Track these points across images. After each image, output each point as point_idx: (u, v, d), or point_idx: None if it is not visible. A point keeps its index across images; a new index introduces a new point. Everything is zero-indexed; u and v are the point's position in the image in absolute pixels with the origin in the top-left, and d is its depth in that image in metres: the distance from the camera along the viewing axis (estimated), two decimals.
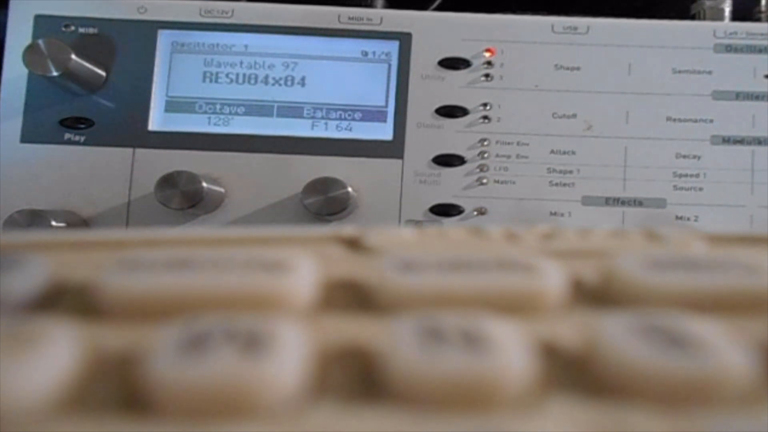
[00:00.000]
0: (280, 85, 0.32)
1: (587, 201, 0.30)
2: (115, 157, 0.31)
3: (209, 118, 0.31)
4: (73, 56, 0.29)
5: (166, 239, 0.11)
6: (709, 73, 0.30)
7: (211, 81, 0.32)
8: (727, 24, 0.32)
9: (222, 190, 0.31)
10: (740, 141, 0.30)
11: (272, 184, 0.31)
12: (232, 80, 0.32)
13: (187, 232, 0.12)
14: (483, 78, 0.31)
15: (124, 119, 0.31)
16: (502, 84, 0.31)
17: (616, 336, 0.08)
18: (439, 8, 0.35)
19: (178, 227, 0.31)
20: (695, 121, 0.30)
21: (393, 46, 0.32)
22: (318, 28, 0.32)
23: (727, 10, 0.33)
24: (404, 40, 0.32)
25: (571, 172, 0.30)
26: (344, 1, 0.33)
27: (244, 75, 0.32)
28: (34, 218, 0.28)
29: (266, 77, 0.32)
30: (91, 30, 0.32)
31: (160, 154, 0.31)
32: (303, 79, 0.32)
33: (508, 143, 0.31)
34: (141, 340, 0.08)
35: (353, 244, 0.11)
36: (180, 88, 0.32)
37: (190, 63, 0.32)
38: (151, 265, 0.09)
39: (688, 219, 0.29)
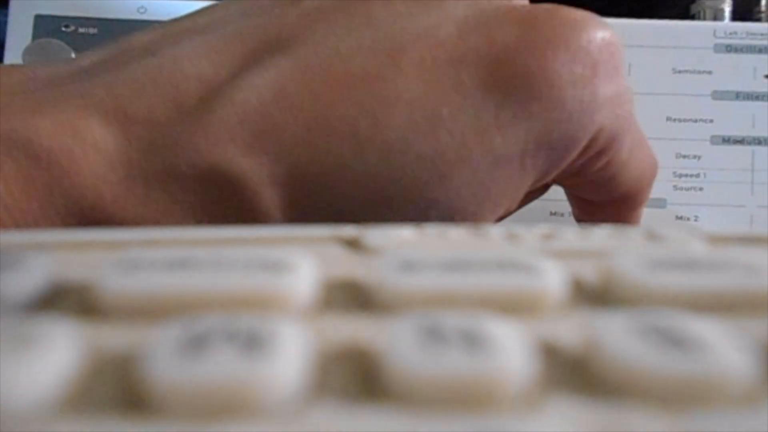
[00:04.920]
0: None
1: None
2: None
3: None
4: (73, 56, 0.29)
5: (166, 239, 0.11)
6: (709, 73, 0.30)
7: None
8: (727, 24, 0.32)
9: None
10: (740, 141, 0.30)
11: None
12: None
13: (187, 232, 0.12)
14: None
15: None
16: None
17: (616, 336, 0.08)
18: None
19: (178, 227, 0.31)
20: (695, 121, 0.30)
21: None
22: None
23: (727, 10, 0.33)
24: None
25: None
26: None
27: None
28: None
29: None
30: (91, 30, 0.32)
31: None
32: None
33: None
34: (141, 340, 0.08)
35: (353, 244, 0.11)
36: None
37: None
38: (151, 265, 0.09)
39: (688, 219, 0.29)
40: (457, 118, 0.16)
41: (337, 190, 0.16)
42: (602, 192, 0.21)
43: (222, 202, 0.16)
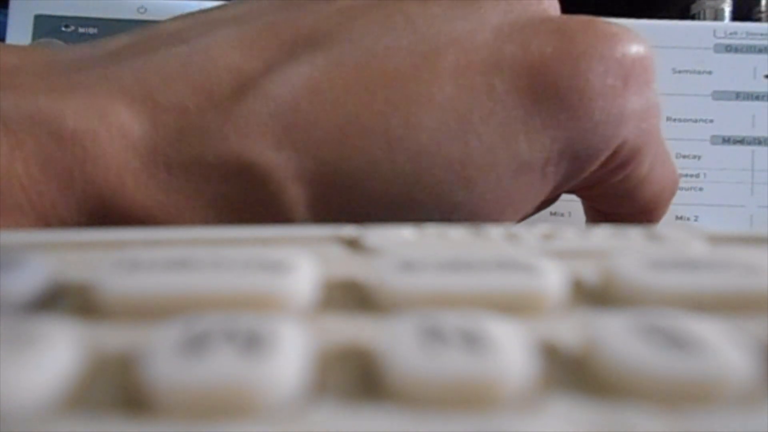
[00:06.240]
0: None
1: None
2: None
3: None
4: None
5: (166, 239, 0.11)
6: (709, 73, 0.30)
7: None
8: (727, 24, 0.32)
9: None
10: (740, 141, 0.30)
11: None
12: None
13: (187, 232, 0.12)
14: None
15: None
16: None
17: (616, 336, 0.08)
18: None
19: (178, 227, 0.31)
20: (695, 121, 0.30)
21: None
22: None
23: (727, 10, 0.33)
24: None
25: None
26: None
27: None
28: None
29: None
30: (91, 30, 0.32)
31: None
32: None
33: None
34: (141, 340, 0.08)
35: (353, 244, 0.11)
36: None
37: None
38: (151, 265, 0.09)
39: (688, 219, 0.29)
40: (487, 124, 0.16)
41: (363, 189, 0.16)
42: (619, 205, 0.21)
43: (246, 195, 0.16)
